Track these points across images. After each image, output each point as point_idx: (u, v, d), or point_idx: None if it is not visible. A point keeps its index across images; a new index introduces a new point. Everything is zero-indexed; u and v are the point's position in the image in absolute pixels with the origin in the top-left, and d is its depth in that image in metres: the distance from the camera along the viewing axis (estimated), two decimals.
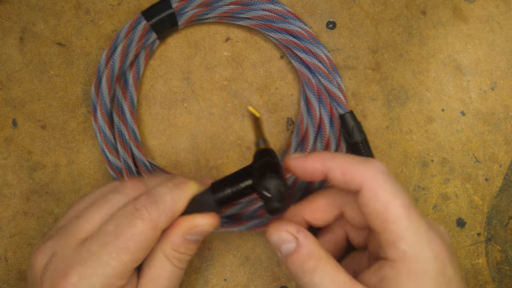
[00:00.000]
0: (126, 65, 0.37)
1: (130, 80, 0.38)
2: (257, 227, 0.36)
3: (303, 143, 0.38)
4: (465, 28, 0.42)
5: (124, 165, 0.36)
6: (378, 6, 0.42)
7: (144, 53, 0.38)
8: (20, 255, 0.38)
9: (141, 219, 0.28)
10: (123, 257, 0.27)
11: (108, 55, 0.37)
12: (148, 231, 0.28)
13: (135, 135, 0.37)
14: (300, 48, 0.38)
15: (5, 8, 0.40)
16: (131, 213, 0.28)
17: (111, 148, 0.37)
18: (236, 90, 0.40)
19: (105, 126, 0.36)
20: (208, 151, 0.39)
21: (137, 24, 0.37)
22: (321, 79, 0.38)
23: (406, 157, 0.40)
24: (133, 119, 0.37)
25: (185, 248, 0.30)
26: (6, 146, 0.39)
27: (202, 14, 0.38)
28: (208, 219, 0.30)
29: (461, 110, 0.41)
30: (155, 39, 0.38)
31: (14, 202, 0.38)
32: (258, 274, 0.38)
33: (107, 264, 0.27)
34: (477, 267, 0.40)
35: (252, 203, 0.37)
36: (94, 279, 0.26)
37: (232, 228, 0.36)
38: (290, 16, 0.39)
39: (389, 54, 0.41)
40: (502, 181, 0.40)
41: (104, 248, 0.27)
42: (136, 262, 0.28)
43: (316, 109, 0.38)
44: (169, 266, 0.29)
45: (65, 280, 0.26)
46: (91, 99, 0.37)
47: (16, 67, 0.39)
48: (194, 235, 0.30)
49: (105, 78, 0.36)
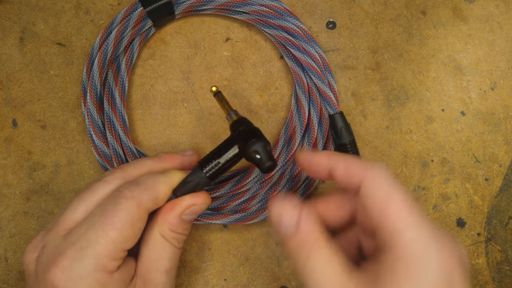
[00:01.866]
0: (119, 50, 0.38)
1: (123, 66, 0.38)
2: (241, 221, 0.36)
3: (290, 141, 0.38)
4: (465, 28, 0.42)
5: (113, 152, 0.36)
6: (378, 6, 0.42)
7: (139, 40, 0.38)
8: (20, 255, 0.38)
9: (125, 198, 0.28)
10: (110, 233, 0.27)
11: (102, 39, 0.37)
12: (132, 207, 0.28)
13: (124, 121, 0.37)
14: (295, 46, 0.38)
15: (5, 8, 0.40)
16: (114, 196, 0.29)
17: (98, 132, 0.37)
18: (236, 90, 0.40)
19: (93, 109, 0.37)
20: (208, 151, 0.39)
21: (133, 10, 0.38)
22: (313, 78, 0.38)
23: (406, 157, 0.40)
24: (123, 104, 0.37)
25: (182, 228, 0.31)
26: (6, 146, 0.39)
27: (200, 5, 0.38)
28: (201, 198, 0.31)
29: (461, 110, 0.41)
30: (151, 27, 0.39)
31: (14, 202, 0.38)
32: (258, 274, 0.38)
33: (95, 242, 0.27)
34: (477, 267, 0.40)
35: (234, 198, 0.37)
36: (85, 261, 0.27)
37: (216, 220, 0.36)
38: (287, 14, 0.39)
39: (389, 54, 0.41)
40: (502, 181, 0.40)
41: (91, 228, 0.27)
42: (125, 241, 0.28)
43: (306, 108, 0.38)
44: (169, 246, 0.31)
45: (55, 265, 0.27)
46: (82, 82, 0.37)
47: (16, 67, 0.39)
48: (189, 214, 0.31)
49: (97, 61, 0.37)
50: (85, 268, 0.26)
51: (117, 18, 0.38)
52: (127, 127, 0.37)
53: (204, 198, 0.32)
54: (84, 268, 0.26)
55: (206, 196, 0.32)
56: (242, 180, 0.37)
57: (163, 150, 0.39)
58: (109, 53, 0.37)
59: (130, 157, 0.37)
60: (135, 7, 0.38)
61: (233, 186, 0.37)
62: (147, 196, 0.29)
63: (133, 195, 0.29)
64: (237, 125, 0.32)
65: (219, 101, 0.34)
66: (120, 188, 0.29)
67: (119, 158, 0.37)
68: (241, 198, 0.37)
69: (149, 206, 0.29)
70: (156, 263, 0.30)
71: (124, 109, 0.37)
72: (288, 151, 0.38)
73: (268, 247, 0.39)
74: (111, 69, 0.38)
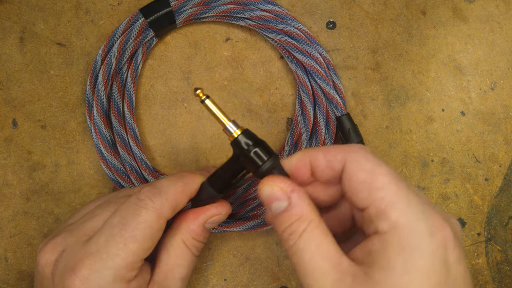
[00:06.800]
0: (122, 62, 0.37)
1: (129, 78, 0.38)
2: (256, 228, 0.36)
3: (296, 145, 0.38)
4: (465, 28, 0.42)
5: (128, 166, 0.36)
6: (378, 6, 0.42)
7: (142, 51, 0.38)
8: (20, 255, 0.38)
9: (145, 208, 0.28)
10: (131, 246, 0.27)
11: (105, 52, 0.37)
12: (153, 220, 0.28)
13: (135, 134, 0.37)
14: (297, 49, 0.38)
15: (5, 8, 0.40)
16: (135, 204, 0.28)
17: (107, 145, 0.37)
18: (236, 90, 0.40)
19: (101, 123, 0.36)
20: (208, 151, 0.39)
21: (134, 21, 0.38)
22: (318, 80, 0.38)
23: (406, 157, 0.40)
24: (133, 118, 0.37)
25: (203, 237, 0.32)
26: (6, 146, 0.39)
27: (201, 13, 0.38)
28: (225, 208, 0.32)
29: (461, 110, 0.41)
30: (153, 37, 0.38)
31: (14, 202, 0.38)
32: (258, 274, 0.38)
33: (116, 255, 0.27)
34: (477, 267, 0.40)
35: (245, 205, 0.37)
36: (105, 272, 0.27)
37: (232, 228, 0.36)
38: (288, 17, 0.39)
39: (389, 54, 0.41)
40: (502, 181, 0.40)
41: (111, 239, 0.27)
42: (144, 252, 0.28)
43: (310, 111, 0.38)
44: (189, 254, 0.31)
45: (75, 274, 0.26)
46: (86, 96, 0.37)
47: (16, 67, 0.39)
48: (212, 223, 0.32)
49: (101, 75, 0.36)
50: (104, 279, 0.27)
51: (119, 30, 0.37)
52: (139, 140, 0.37)
53: (227, 208, 0.32)
54: (103, 279, 0.26)
55: (228, 206, 0.32)
56: (250, 187, 0.38)
57: (163, 150, 0.39)
58: (113, 66, 0.37)
59: (145, 170, 0.36)
60: (136, 18, 0.38)
61: (242, 193, 0.38)
62: (168, 207, 0.29)
63: (154, 206, 0.28)
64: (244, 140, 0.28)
65: (209, 109, 0.29)
66: (140, 195, 0.29)
67: (134, 171, 0.36)
68: (251, 205, 0.37)
69: (168, 216, 0.29)
70: (174, 270, 0.30)
71: (134, 122, 0.37)
72: None
73: (268, 247, 0.39)
74: (115, 82, 0.38)
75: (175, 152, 0.39)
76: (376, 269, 0.23)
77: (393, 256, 0.22)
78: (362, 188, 0.24)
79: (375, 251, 0.23)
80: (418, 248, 0.22)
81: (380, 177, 0.24)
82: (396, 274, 0.22)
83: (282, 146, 0.39)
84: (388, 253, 0.23)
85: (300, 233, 0.25)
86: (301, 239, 0.24)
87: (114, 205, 0.30)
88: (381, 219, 0.23)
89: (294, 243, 0.25)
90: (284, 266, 0.38)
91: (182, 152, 0.39)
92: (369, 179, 0.24)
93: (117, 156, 0.37)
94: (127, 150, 0.37)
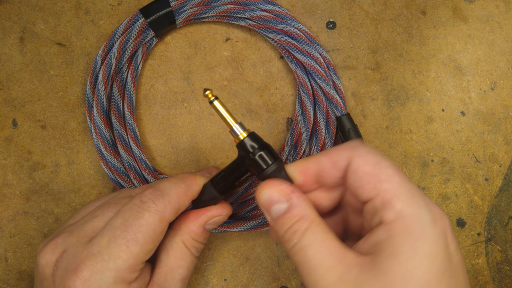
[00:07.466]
0: (122, 62, 0.37)
1: (129, 78, 0.38)
2: (256, 228, 0.36)
3: (296, 145, 0.38)
4: (465, 28, 0.42)
5: (128, 166, 0.36)
6: (378, 6, 0.42)
7: (142, 51, 0.38)
8: (20, 255, 0.38)
9: (148, 211, 0.28)
10: (133, 249, 0.27)
11: (105, 52, 0.37)
12: (156, 223, 0.28)
13: (135, 134, 0.37)
14: (297, 49, 0.38)
15: (5, 8, 0.40)
16: (137, 206, 0.28)
17: (108, 146, 0.37)
18: (236, 90, 0.40)
19: (101, 124, 0.36)
20: (208, 151, 0.39)
21: (134, 21, 0.38)
22: (318, 80, 0.38)
23: (406, 157, 0.40)
24: (133, 118, 0.37)
25: (203, 238, 0.32)
26: (6, 146, 0.39)
27: (201, 13, 0.38)
28: (226, 209, 0.32)
29: (461, 110, 0.41)
30: (153, 37, 0.38)
31: (14, 202, 0.38)
32: (258, 274, 0.38)
33: (117, 257, 0.27)
34: (477, 267, 0.40)
35: (245, 205, 0.37)
36: (106, 273, 0.27)
37: (232, 228, 0.36)
38: (288, 17, 0.39)
39: (389, 54, 0.41)
40: (502, 181, 0.40)
41: (113, 241, 0.27)
42: (146, 254, 0.28)
43: (310, 111, 0.38)
44: (189, 255, 0.31)
45: (76, 275, 0.27)
46: (86, 97, 0.37)
47: (16, 67, 0.39)
48: (212, 224, 0.32)
49: (102, 75, 0.36)
50: (105, 281, 0.27)
51: (119, 30, 0.37)
52: (139, 141, 0.37)
53: (228, 209, 0.32)
54: (104, 281, 0.27)
55: (229, 208, 0.32)
56: (251, 187, 0.38)
57: (163, 150, 0.39)
58: (113, 66, 0.37)
59: (145, 170, 0.37)
60: (136, 18, 0.38)
61: (243, 193, 0.38)
62: (170, 210, 0.29)
63: (157, 209, 0.28)
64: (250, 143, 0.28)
65: (217, 110, 0.29)
66: (143, 197, 0.29)
67: (134, 171, 0.36)
68: (251, 205, 0.37)
69: (170, 218, 0.29)
70: (174, 271, 0.30)
71: (134, 122, 0.37)
72: (295, 156, 0.38)
73: (268, 247, 0.39)
74: (115, 82, 0.38)
75: (175, 152, 0.39)
76: (382, 257, 0.23)
77: (399, 243, 0.23)
78: (368, 180, 0.25)
79: (381, 241, 0.24)
80: (422, 235, 0.23)
81: (385, 170, 0.25)
82: (403, 259, 0.23)
83: (282, 146, 0.39)
84: (394, 241, 0.23)
85: (302, 231, 0.25)
86: (304, 237, 0.25)
87: (115, 206, 0.30)
88: (386, 209, 0.24)
89: (297, 242, 0.25)
90: (284, 266, 0.38)
91: (182, 152, 0.39)
92: (375, 172, 0.25)
93: (117, 156, 0.37)
94: (127, 150, 0.37)
